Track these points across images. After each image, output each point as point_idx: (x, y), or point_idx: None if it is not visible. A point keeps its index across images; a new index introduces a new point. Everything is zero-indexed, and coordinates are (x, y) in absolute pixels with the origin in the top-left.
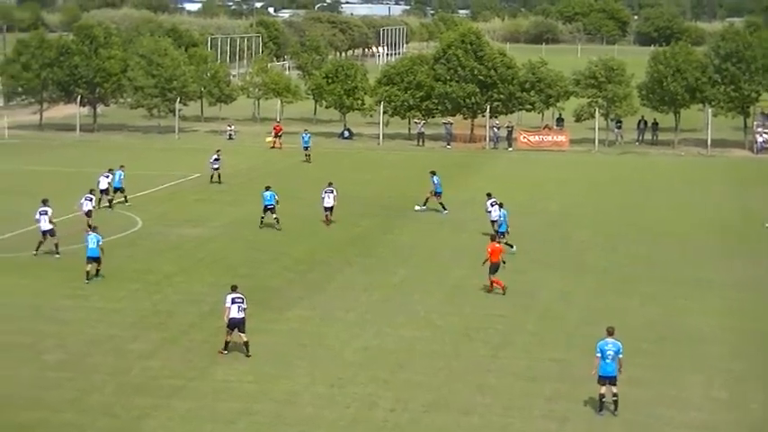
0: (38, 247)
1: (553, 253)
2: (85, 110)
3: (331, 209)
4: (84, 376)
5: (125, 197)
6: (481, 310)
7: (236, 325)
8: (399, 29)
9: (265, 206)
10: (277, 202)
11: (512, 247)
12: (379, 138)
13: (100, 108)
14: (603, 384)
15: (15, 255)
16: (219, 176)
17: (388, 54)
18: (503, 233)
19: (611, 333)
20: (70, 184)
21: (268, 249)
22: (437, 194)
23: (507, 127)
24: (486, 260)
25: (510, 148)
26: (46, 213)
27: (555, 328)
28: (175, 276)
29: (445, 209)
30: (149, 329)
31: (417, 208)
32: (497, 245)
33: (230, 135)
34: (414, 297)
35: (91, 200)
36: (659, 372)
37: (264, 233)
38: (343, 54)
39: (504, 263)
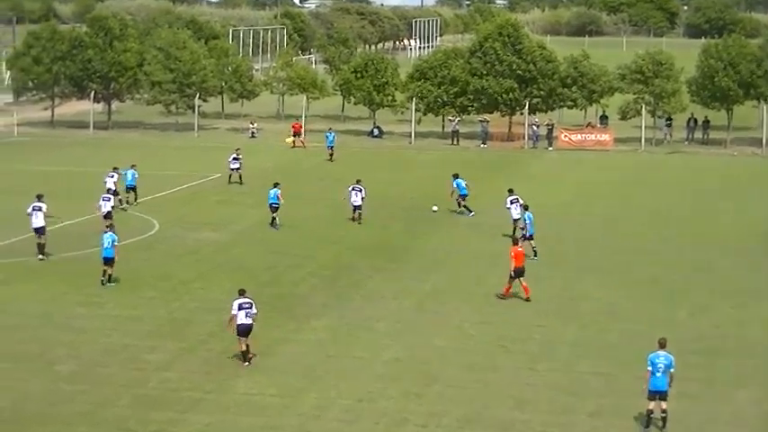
0: (43, 251)
1: (596, 259)
2: (99, 106)
3: (359, 207)
4: (98, 388)
5: (135, 198)
6: (518, 319)
7: (245, 332)
8: (432, 20)
9: (270, 205)
10: (279, 199)
11: (535, 255)
12: (410, 136)
13: (114, 104)
14: (653, 399)
15: (26, 259)
16: (240, 177)
17: (420, 47)
18: (529, 237)
19: (662, 345)
20: (83, 185)
21: (292, 254)
22: (462, 197)
23: (547, 125)
24: (511, 266)
25: (550, 148)
26: (40, 210)
27: (598, 339)
28: (193, 283)
29: (471, 211)
30: (166, 339)
31: (435, 209)
32: (520, 248)
33: (252, 133)
34: (447, 305)
35: (109, 200)
36: (710, 387)
37: (287, 236)
38: (373, 47)
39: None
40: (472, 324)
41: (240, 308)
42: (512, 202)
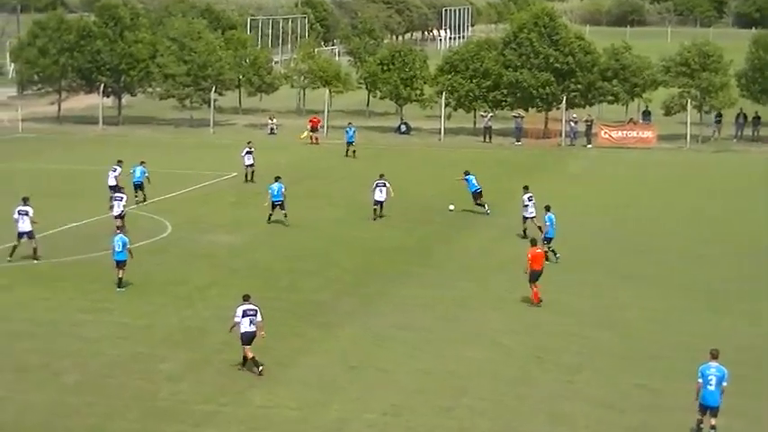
0: (12, 252)
1: (637, 264)
2: (109, 100)
3: (382, 204)
4: (106, 400)
5: (144, 197)
6: (553, 328)
7: (250, 339)
8: (464, 9)
9: (273, 202)
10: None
11: (556, 254)
12: (440, 133)
13: (125, 98)
14: (704, 414)
15: (31, 263)
16: (253, 174)
17: (451, 38)
18: (549, 239)
19: (714, 356)
20: (92, 184)
21: (313, 258)
22: (475, 194)
23: (586, 121)
24: (528, 268)
25: (589, 145)
26: (27, 214)
27: (639, 349)
28: (208, 289)
29: (484, 207)
30: (178, 348)
31: (452, 208)
32: (538, 250)
33: (272, 129)
34: (477, 313)
35: (121, 199)
36: (761, 402)
37: (307, 239)
38: (401, 38)
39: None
40: (504, 333)
41: (245, 314)
42: (529, 200)
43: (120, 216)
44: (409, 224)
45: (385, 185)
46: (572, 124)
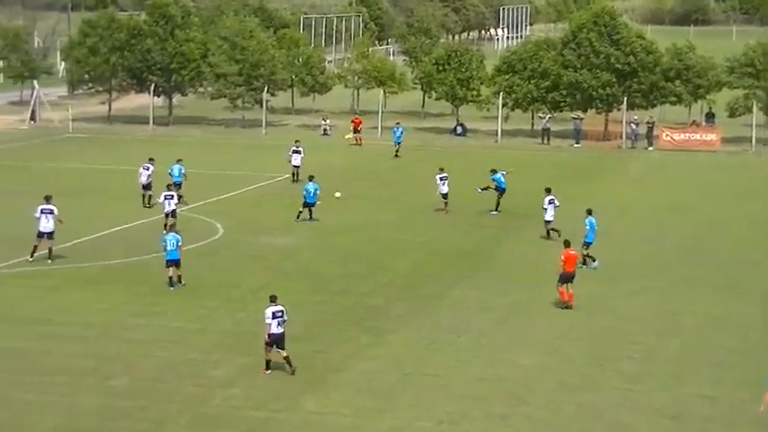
0: (33, 253)
1: (699, 269)
2: (160, 100)
3: (446, 196)
4: (157, 405)
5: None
6: (613, 335)
7: (276, 341)
8: (522, 8)
9: (305, 202)
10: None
11: (594, 260)
12: (497, 134)
13: (176, 98)
14: None
15: (82, 265)
16: (297, 175)
17: (508, 37)
18: (587, 244)
19: None
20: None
21: (365, 261)
22: (500, 191)
23: (647, 123)
24: (561, 269)
25: (650, 148)
26: (52, 213)
27: (703, 357)
28: (260, 292)
29: (497, 210)
30: (231, 353)
31: (338, 195)
32: (572, 252)
33: (325, 130)
34: (536, 319)
35: (172, 197)
36: None
37: (359, 243)
38: (457, 37)
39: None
40: (562, 339)
41: (274, 316)
42: (549, 203)
43: (172, 214)
44: (463, 227)
45: (447, 178)
46: (633, 126)
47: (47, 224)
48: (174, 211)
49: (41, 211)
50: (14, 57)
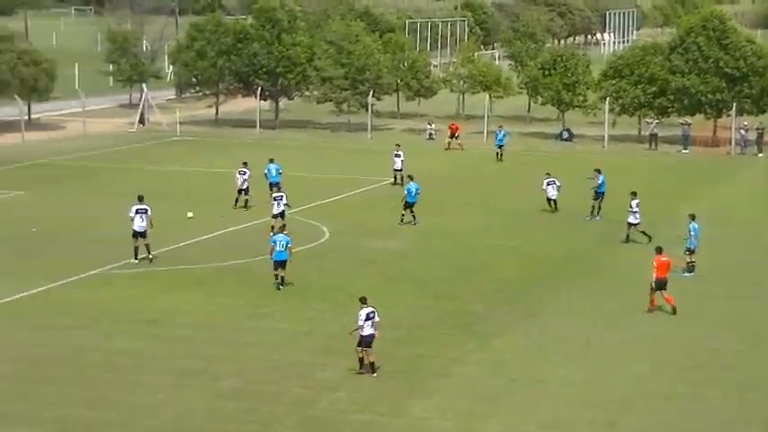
0: (136, 254)
1: None
2: (266, 104)
3: (555, 200)
4: (264, 407)
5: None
6: (723, 343)
7: (370, 343)
8: (629, 12)
9: (406, 203)
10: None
11: (691, 271)
12: (603, 140)
13: (282, 102)
14: None
15: (191, 267)
16: (402, 178)
17: (615, 42)
18: (691, 250)
19: None
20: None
21: (471, 266)
22: (599, 194)
23: (757, 129)
24: (653, 276)
25: (760, 154)
26: (146, 212)
27: None
28: (366, 295)
29: (598, 215)
30: (338, 356)
31: (190, 215)
32: (663, 258)
33: (430, 134)
34: (642, 326)
35: (281, 198)
36: None
37: (463, 248)
38: (563, 42)
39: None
40: (668, 346)
41: (367, 318)
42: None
43: (280, 215)
44: (571, 232)
45: (554, 182)
46: (742, 132)
47: (141, 223)
48: (282, 212)
49: (136, 211)
50: (123, 60)
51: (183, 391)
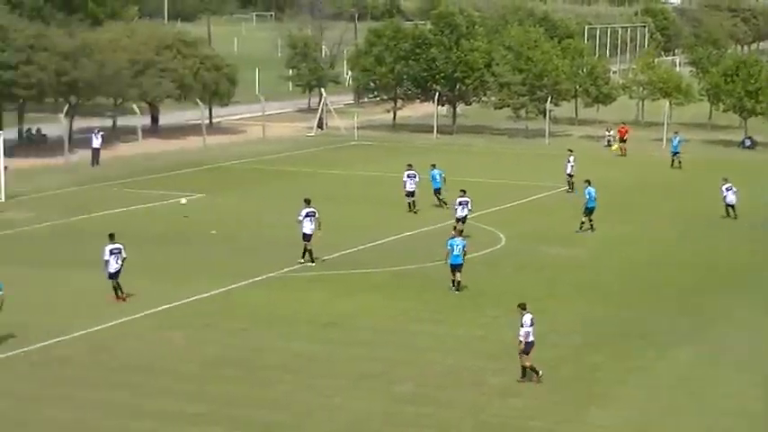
0: (309, 256)
1: None
2: (444, 109)
3: (734, 207)
4: (440, 411)
5: (443, 201)
6: None
7: (529, 349)
8: None
9: (587, 208)
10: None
11: None
12: None
13: (460, 107)
14: None
15: (369, 271)
16: (572, 184)
17: None
18: None
19: None
20: (427, 193)
21: (649, 275)
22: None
23: None
24: None
25: None
26: (314, 215)
27: None
28: (542, 302)
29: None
30: (512, 361)
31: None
32: None
33: (608, 141)
34: None
35: (467, 203)
36: None
37: (643, 256)
38: (746, 48)
39: None
40: None
41: (532, 323)
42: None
43: (462, 220)
44: (746, 242)
45: (732, 188)
46: None
47: (310, 226)
48: (465, 217)
49: (306, 215)
50: (303, 66)
51: (360, 394)
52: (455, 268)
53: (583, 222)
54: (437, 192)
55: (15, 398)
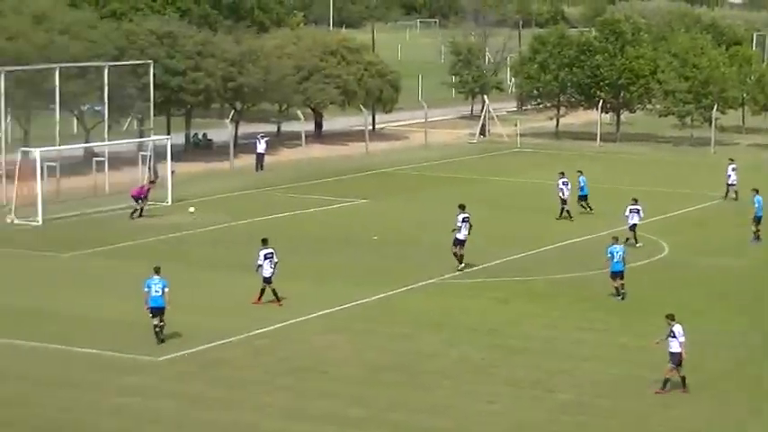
0: (462, 262)
1: None
2: (607, 116)
3: None
4: (600, 422)
5: (589, 206)
6: None
7: (679, 360)
8: None
9: (756, 217)
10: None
11: None
12: None
13: (624, 115)
14: None
15: (528, 279)
16: (736, 193)
17: None
18: None
19: None
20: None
21: None
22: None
23: None
24: None
25: None
26: (468, 221)
27: None
28: (705, 314)
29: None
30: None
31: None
32: None
33: None
34: None
35: (638, 211)
36: None
37: None
38: None
39: None
40: None
41: (673, 335)
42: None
43: (633, 228)
44: None
45: None
46: None
47: (465, 232)
48: (634, 225)
49: (462, 220)
50: (466, 73)
51: (519, 401)
52: (616, 275)
53: (755, 231)
54: (583, 198)
55: (177, 398)
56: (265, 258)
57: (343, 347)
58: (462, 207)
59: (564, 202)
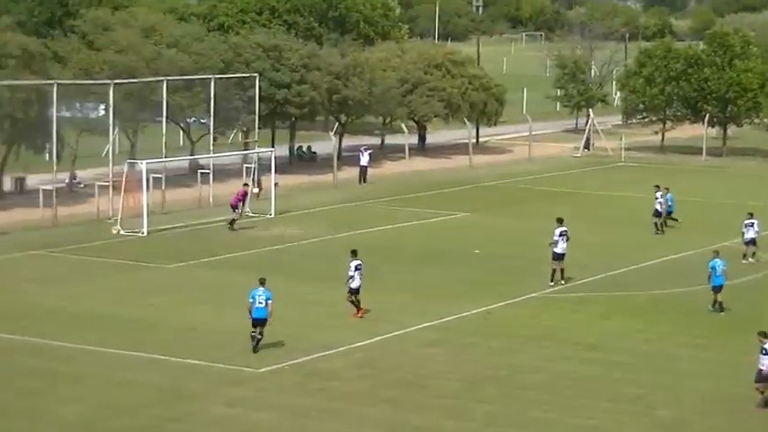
0: (553, 276)
1: None
2: (713, 130)
3: None
4: None
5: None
6: None
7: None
8: None
9: None
10: None
11: None
12: None
13: (731, 129)
14: None
15: (631, 293)
16: None
17: None
18: None
19: None
20: (695, 217)
21: None
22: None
23: None
24: None
25: None
26: (565, 235)
27: None
28: None
29: None
30: None
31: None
32: None
33: None
34: None
35: (752, 225)
36: None
37: None
38: None
39: None
40: None
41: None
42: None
43: (752, 242)
44: None
45: None
46: None
47: (563, 246)
48: (753, 239)
49: (560, 234)
50: (571, 86)
51: (618, 417)
52: (716, 290)
53: None
54: (669, 215)
55: (279, 410)
56: (356, 269)
57: (442, 360)
58: (560, 221)
59: (658, 215)
